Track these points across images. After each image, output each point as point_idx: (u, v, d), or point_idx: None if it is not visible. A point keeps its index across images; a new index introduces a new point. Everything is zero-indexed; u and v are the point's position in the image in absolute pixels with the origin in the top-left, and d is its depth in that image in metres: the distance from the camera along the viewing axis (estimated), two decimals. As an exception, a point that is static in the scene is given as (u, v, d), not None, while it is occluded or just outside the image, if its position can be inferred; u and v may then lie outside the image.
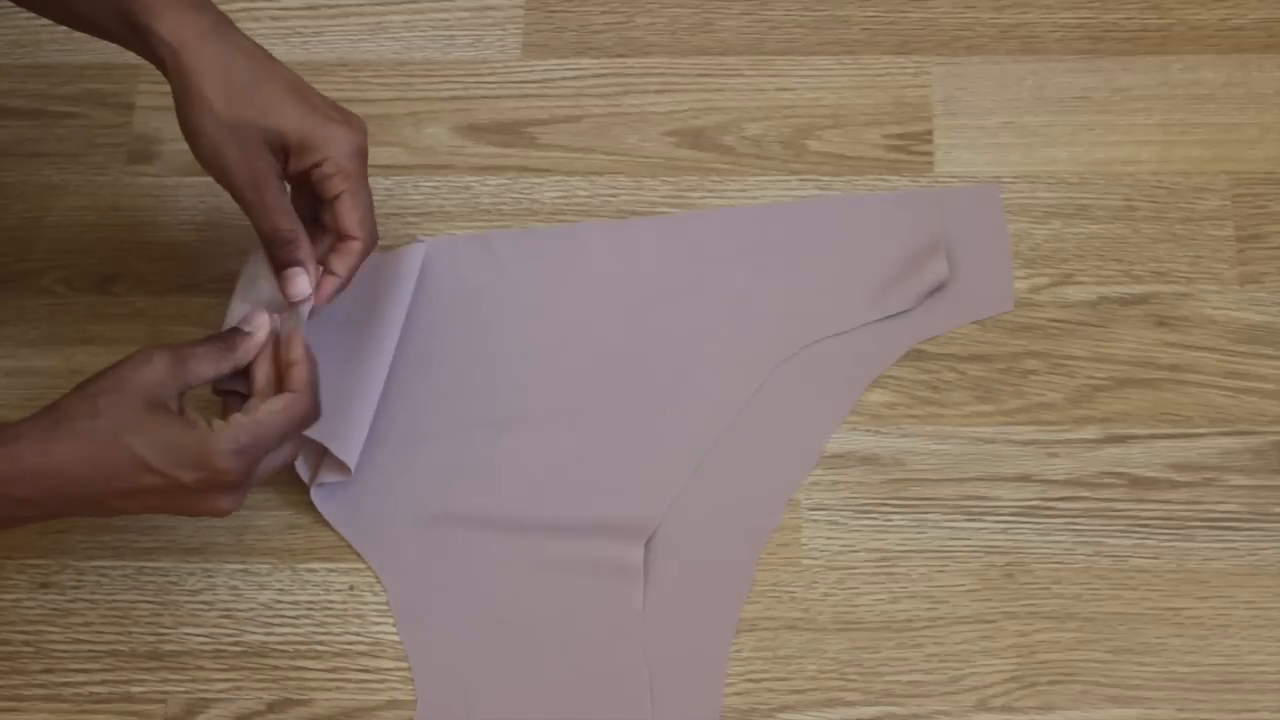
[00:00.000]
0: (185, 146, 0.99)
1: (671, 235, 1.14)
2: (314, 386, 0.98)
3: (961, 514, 1.05)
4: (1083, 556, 1.04)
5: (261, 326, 1.00)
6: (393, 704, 1.02)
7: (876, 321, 1.10)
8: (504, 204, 1.16)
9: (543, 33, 1.21)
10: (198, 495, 0.94)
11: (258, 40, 1.01)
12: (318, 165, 1.00)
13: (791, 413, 1.08)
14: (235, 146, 0.98)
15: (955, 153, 1.15)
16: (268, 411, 0.96)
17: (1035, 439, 1.07)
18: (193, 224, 1.16)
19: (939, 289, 1.11)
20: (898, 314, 1.10)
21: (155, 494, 0.94)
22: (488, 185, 1.16)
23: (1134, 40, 1.18)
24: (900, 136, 1.16)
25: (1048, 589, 1.03)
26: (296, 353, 0.99)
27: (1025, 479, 1.06)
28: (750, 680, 1.02)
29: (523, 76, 1.20)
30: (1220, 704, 1.00)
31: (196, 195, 1.16)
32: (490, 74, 1.20)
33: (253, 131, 0.98)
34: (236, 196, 0.99)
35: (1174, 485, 1.05)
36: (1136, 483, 1.05)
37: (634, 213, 1.15)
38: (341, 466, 1.05)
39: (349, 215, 1.01)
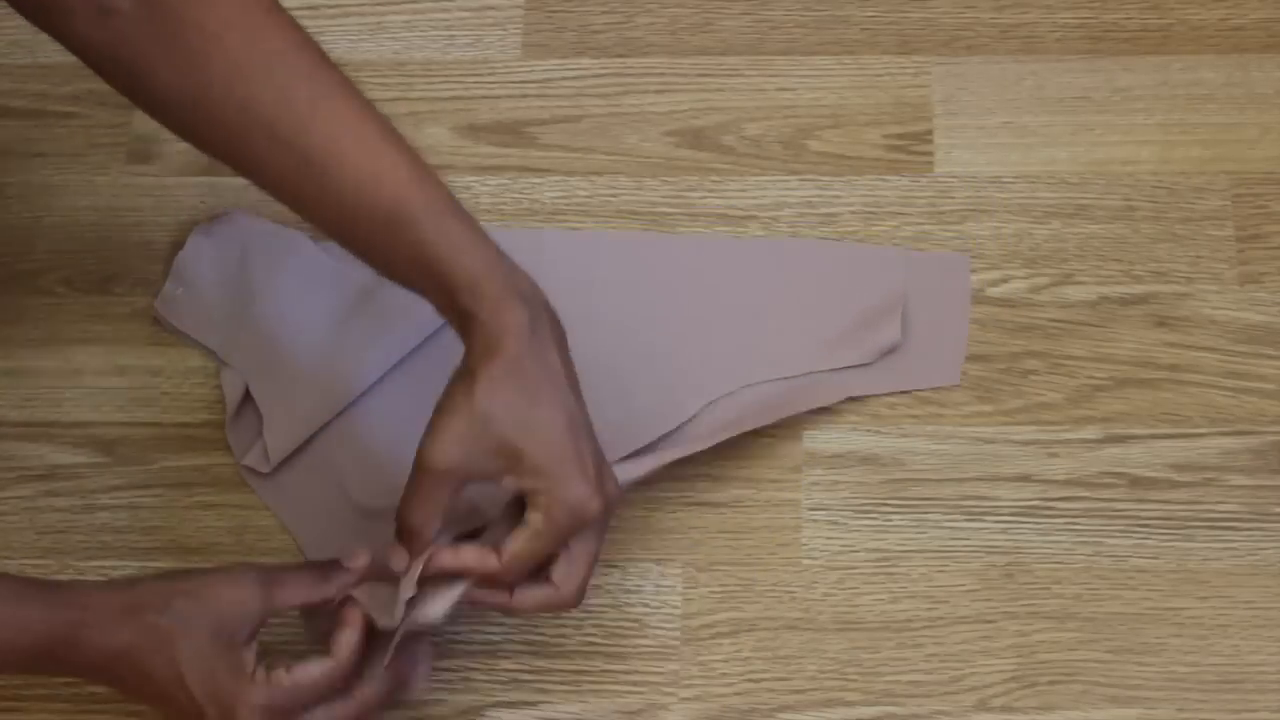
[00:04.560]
0: (185, 146, 0.99)
1: (635, 254, 1.13)
2: (366, 660, 0.95)
3: (961, 514, 1.05)
4: (1083, 556, 1.04)
5: (361, 563, 0.95)
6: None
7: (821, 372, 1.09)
8: (504, 204, 1.16)
9: (543, 33, 1.21)
10: None
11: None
12: (531, 491, 0.92)
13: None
14: (460, 441, 0.92)
15: (955, 153, 1.15)
16: (309, 678, 0.93)
17: (1035, 439, 1.07)
18: (193, 224, 1.16)
19: (890, 350, 1.09)
20: (846, 368, 1.09)
21: (177, 711, 0.93)
22: (488, 185, 1.16)
23: (1134, 40, 1.18)
24: (900, 136, 1.16)
25: (1048, 589, 1.03)
26: (351, 618, 0.95)
27: (1025, 479, 1.06)
28: (750, 680, 1.02)
29: (523, 76, 1.20)
30: (1220, 704, 1.00)
31: (196, 195, 1.16)
32: (490, 74, 1.20)
33: (490, 440, 0.91)
34: (414, 468, 0.93)
35: (1174, 485, 1.05)
36: (1136, 483, 1.05)
37: (634, 213, 1.15)
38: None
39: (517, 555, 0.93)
